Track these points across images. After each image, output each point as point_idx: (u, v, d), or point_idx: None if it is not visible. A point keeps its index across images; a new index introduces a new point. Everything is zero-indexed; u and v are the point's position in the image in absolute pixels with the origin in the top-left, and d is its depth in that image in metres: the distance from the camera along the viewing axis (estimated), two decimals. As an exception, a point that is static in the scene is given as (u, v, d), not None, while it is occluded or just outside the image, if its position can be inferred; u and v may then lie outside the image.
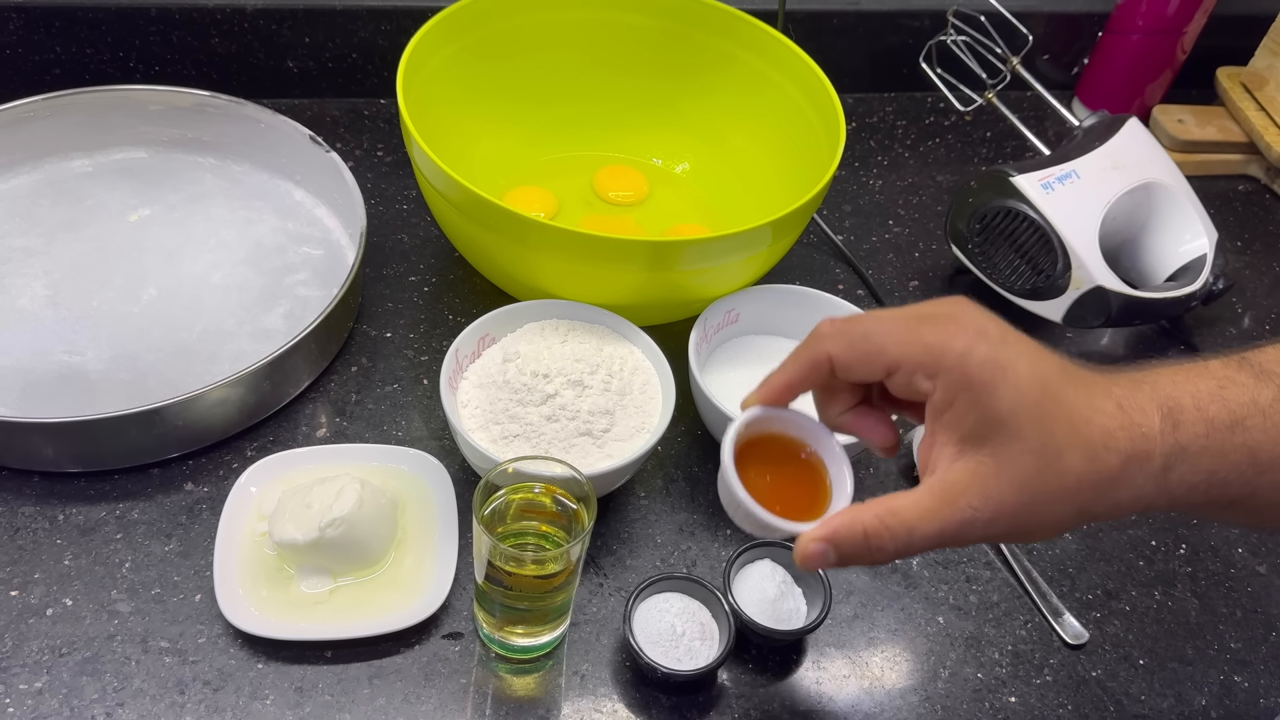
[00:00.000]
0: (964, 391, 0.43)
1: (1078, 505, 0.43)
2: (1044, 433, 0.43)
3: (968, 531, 0.44)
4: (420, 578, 0.62)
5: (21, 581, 0.61)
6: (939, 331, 0.44)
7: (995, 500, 0.43)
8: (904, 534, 0.44)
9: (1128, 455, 0.43)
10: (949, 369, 0.43)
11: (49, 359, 0.71)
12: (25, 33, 0.86)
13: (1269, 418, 0.44)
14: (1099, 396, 0.44)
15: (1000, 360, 0.43)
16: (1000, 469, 0.43)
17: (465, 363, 0.68)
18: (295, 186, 0.84)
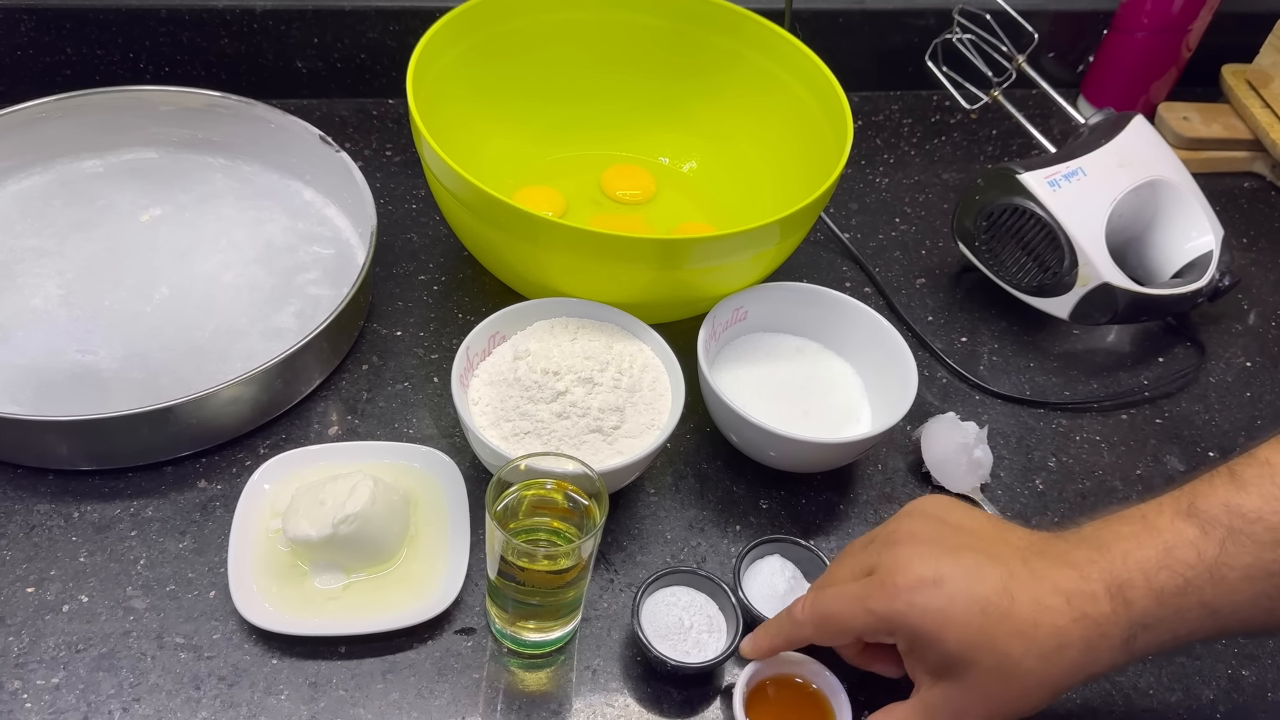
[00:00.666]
0: (916, 642, 0.51)
1: (1050, 690, 0.50)
2: (996, 653, 0.49)
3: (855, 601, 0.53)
4: (433, 574, 0.63)
5: (38, 578, 0.61)
6: (881, 598, 0.52)
7: (966, 714, 0.51)
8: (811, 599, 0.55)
9: (1085, 643, 0.49)
10: (898, 628, 0.51)
11: (62, 358, 0.71)
12: (36, 34, 0.87)
13: (1216, 574, 0.48)
14: (1047, 594, 0.50)
15: (939, 605, 0.50)
16: (966, 692, 0.51)
17: (476, 360, 0.68)
18: (305, 186, 0.84)
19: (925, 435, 0.73)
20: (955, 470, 0.71)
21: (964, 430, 0.72)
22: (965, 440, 0.71)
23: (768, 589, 0.63)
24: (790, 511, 0.70)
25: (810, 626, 0.55)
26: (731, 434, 0.71)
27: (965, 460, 0.71)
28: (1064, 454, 0.77)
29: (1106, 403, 0.81)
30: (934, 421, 0.73)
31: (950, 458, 0.71)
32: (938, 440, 0.72)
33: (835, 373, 0.75)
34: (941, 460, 0.72)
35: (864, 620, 0.52)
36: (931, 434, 0.73)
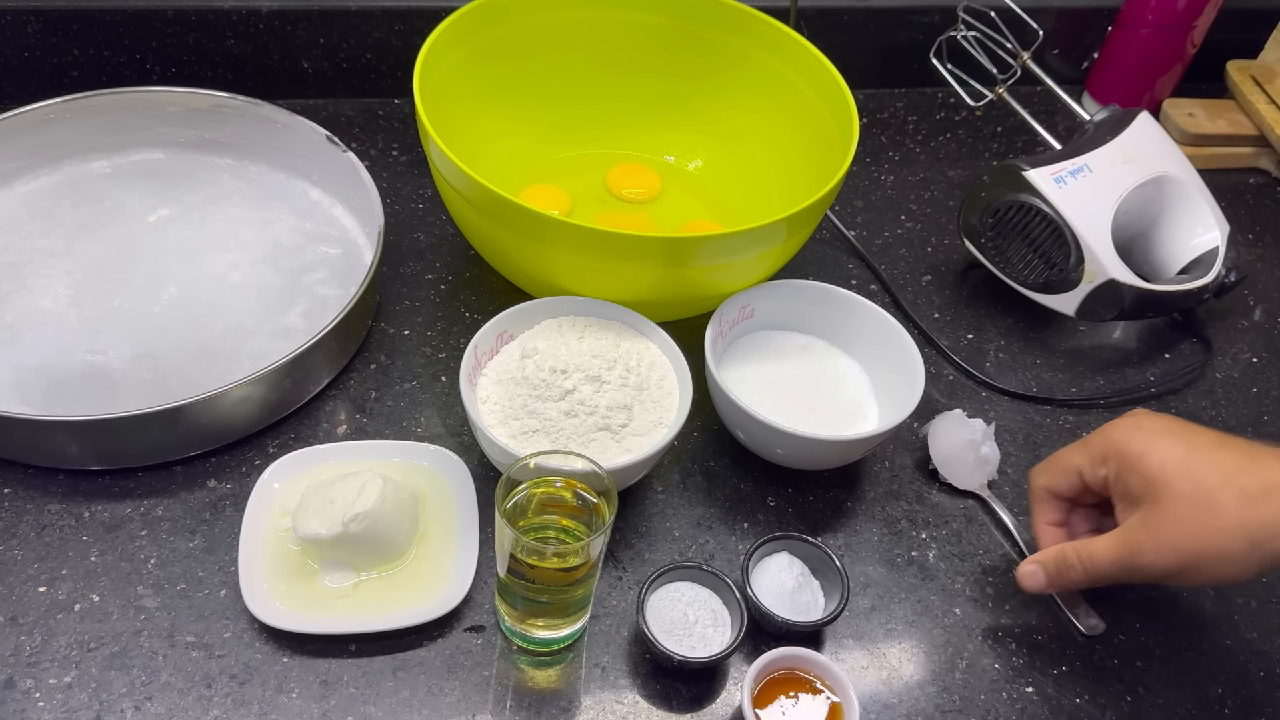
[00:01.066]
0: (1123, 464, 0.58)
1: (1246, 537, 0.53)
2: (1192, 481, 0.55)
3: (1139, 563, 0.57)
4: (442, 572, 0.63)
5: (49, 578, 0.62)
6: (1102, 432, 0.61)
7: (1158, 536, 0.56)
8: (1089, 562, 0.59)
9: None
10: (1111, 454, 0.59)
11: (72, 358, 0.72)
12: (44, 35, 0.87)
13: None
14: (1265, 457, 0.55)
15: (1149, 433, 0.58)
16: (1162, 513, 0.55)
17: (484, 359, 0.69)
18: (312, 186, 0.85)
19: (932, 432, 0.73)
20: (962, 467, 0.72)
21: (971, 427, 0.72)
22: (972, 437, 0.71)
23: (776, 585, 0.63)
24: (798, 509, 0.70)
25: (1045, 474, 0.64)
26: (739, 431, 0.71)
27: (972, 457, 0.71)
28: (1071, 450, 0.77)
29: (1113, 399, 0.81)
30: (941, 419, 0.73)
31: (957, 454, 0.72)
32: (945, 437, 0.72)
33: (842, 370, 0.75)
34: (949, 457, 0.72)
35: (1086, 451, 0.61)
36: (939, 431, 0.73)
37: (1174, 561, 0.55)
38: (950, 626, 0.66)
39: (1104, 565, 0.58)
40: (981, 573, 0.69)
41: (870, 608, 0.66)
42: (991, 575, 0.69)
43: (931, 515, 0.71)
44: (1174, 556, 0.55)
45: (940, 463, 0.72)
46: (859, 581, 0.67)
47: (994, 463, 0.72)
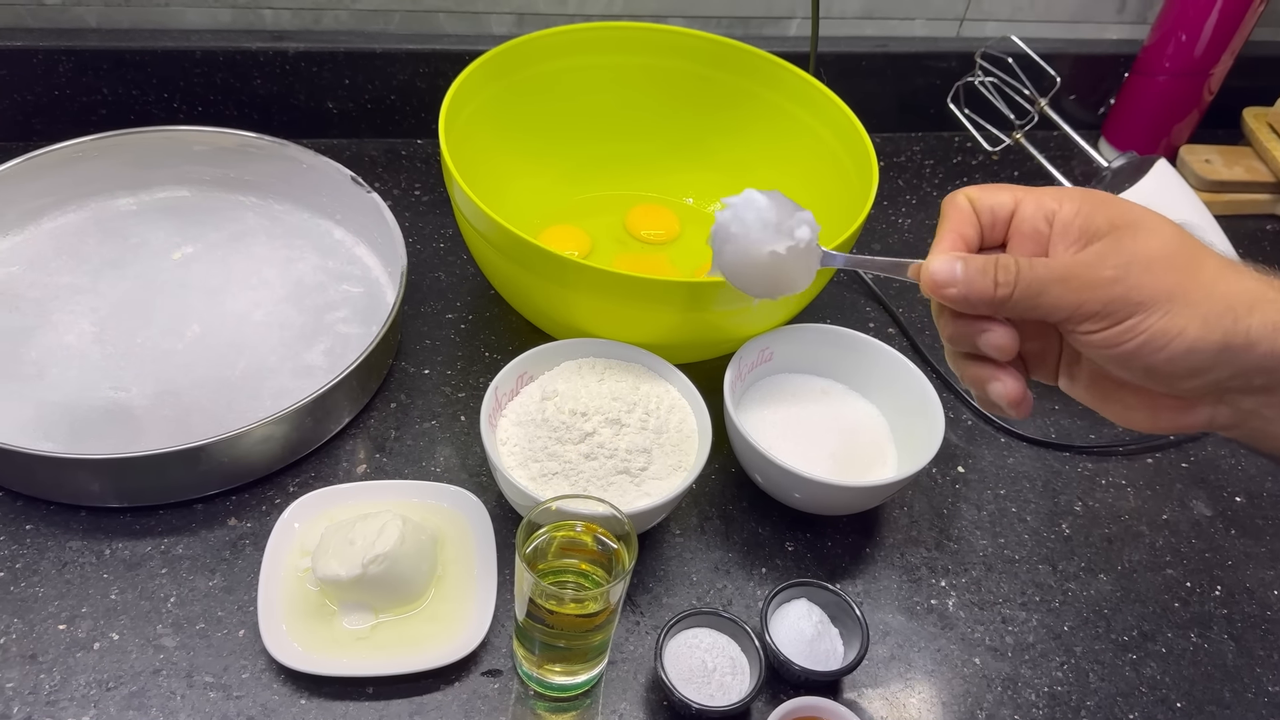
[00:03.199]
0: (1089, 199, 0.45)
1: (1224, 301, 0.43)
2: (1175, 229, 0.44)
3: (1090, 278, 0.43)
4: (460, 614, 0.63)
5: (69, 615, 0.62)
6: (1053, 190, 0.47)
7: (1123, 253, 0.44)
8: (1029, 268, 0.44)
9: (1267, 284, 0.44)
10: (1080, 195, 0.46)
11: (95, 395, 0.72)
12: (74, 74, 0.88)
13: None
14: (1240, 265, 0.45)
15: (1109, 197, 0.46)
16: (1135, 237, 0.44)
17: (504, 400, 0.69)
18: (335, 225, 0.86)
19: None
20: None
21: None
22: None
23: (795, 633, 0.63)
24: (816, 554, 0.70)
25: (973, 188, 0.48)
26: (757, 475, 0.71)
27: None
28: (1089, 498, 0.77)
29: (1132, 446, 0.81)
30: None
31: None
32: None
33: (861, 414, 0.75)
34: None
35: (1036, 200, 0.46)
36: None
37: (1131, 289, 0.43)
38: (969, 676, 0.65)
39: (1044, 275, 0.44)
40: (1001, 622, 0.68)
41: (889, 656, 0.66)
42: (1011, 625, 0.68)
43: (951, 563, 0.71)
44: (1135, 282, 0.43)
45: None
46: (878, 629, 0.67)
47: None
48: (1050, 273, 0.44)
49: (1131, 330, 0.43)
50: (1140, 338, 0.43)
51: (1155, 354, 0.43)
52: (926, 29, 1.05)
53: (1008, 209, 0.47)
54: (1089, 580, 0.72)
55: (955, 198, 0.48)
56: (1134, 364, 0.44)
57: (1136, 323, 0.43)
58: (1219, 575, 0.73)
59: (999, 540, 0.73)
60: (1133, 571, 0.73)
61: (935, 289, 0.46)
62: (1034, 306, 0.44)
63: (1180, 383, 0.44)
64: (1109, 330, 0.43)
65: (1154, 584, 0.72)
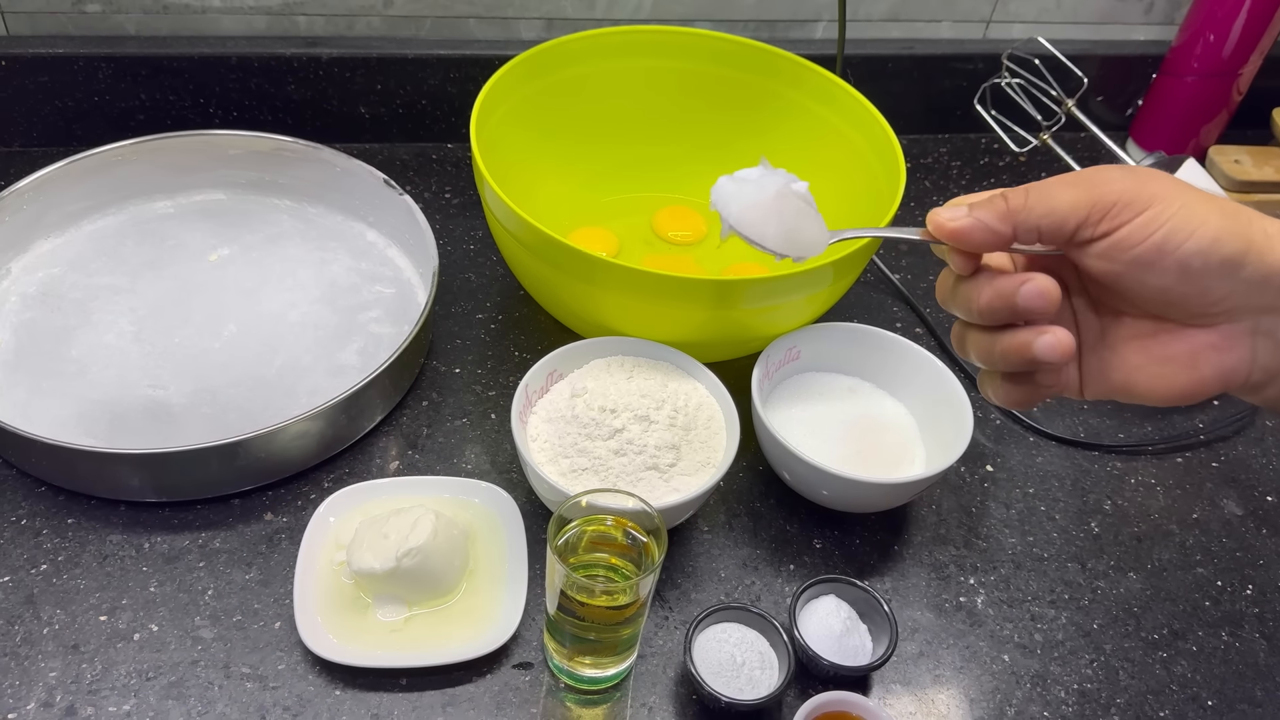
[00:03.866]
0: (1105, 172, 0.44)
1: (1246, 239, 0.42)
2: (1192, 188, 0.43)
3: (1101, 177, 0.43)
4: (491, 608, 0.64)
5: (110, 607, 0.63)
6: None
7: (1130, 169, 0.43)
8: (1039, 196, 0.43)
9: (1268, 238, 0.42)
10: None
11: (134, 392, 0.74)
12: (113, 81, 0.90)
13: None
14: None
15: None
16: (1157, 176, 0.43)
17: (534, 398, 0.70)
18: (368, 228, 0.87)
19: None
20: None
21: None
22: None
23: (824, 629, 0.63)
24: (844, 551, 0.71)
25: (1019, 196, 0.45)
26: (785, 472, 0.71)
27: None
28: (1119, 497, 0.77)
29: (1161, 445, 0.81)
30: None
31: None
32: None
33: (888, 413, 0.76)
34: None
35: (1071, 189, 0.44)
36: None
37: (1142, 184, 0.42)
38: (999, 674, 0.65)
39: (1051, 182, 0.43)
40: (1030, 619, 0.68)
41: (918, 653, 0.66)
42: (1040, 622, 0.68)
43: (980, 561, 0.71)
44: (1143, 180, 0.42)
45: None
46: (906, 626, 0.67)
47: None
48: (1057, 179, 0.43)
49: (1155, 220, 0.42)
50: (1166, 226, 0.41)
51: (1184, 242, 0.41)
52: (953, 30, 1.06)
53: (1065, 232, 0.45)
54: (1118, 578, 0.72)
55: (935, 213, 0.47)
56: (1165, 261, 0.42)
57: (1157, 213, 0.42)
58: (1250, 575, 0.73)
59: (1028, 538, 0.73)
60: (1163, 570, 0.73)
61: (944, 224, 0.45)
62: (1050, 210, 0.43)
63: (1214, 284, 0.42)
64: (1129, 225, 0.42)
65: (1184, 582, 0.72)
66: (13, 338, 0.76)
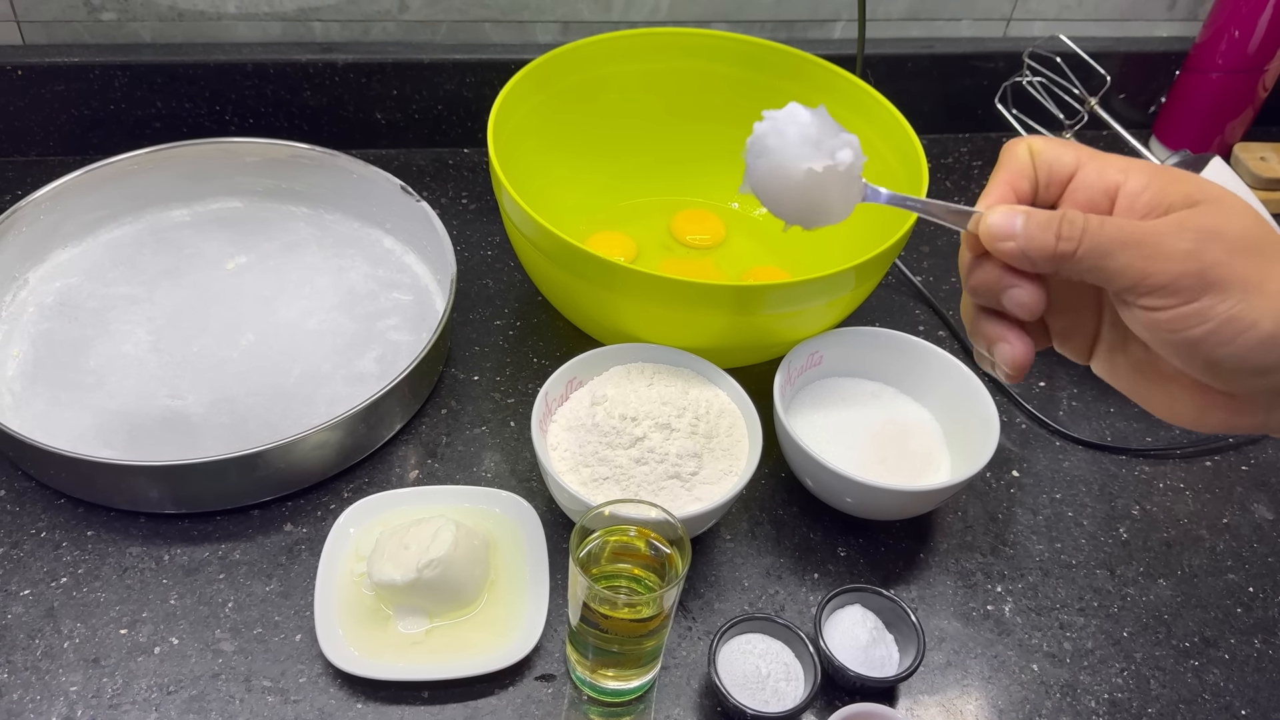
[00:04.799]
0: (1162, 173, 0.41)
1: (1276, 334, 0.39)
2: (1257, 214, 0.40)
3: (1169, 246, 0.39)
4: (513, 619, 0.63)
5: (130, 620, 0.63)
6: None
7: (1206, 229, 0.39)
8: (1098, 227, 0.40)
9: None
10: (1142, 164, 0.42)
11: (153, 403, 0.73)
12: (129, 89, 0.90)
13: None
14: None
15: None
16: (1216, 214, 0.40)
17: (554, 406, 0.69)
18: (385, 234, 0.86)
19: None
20: None
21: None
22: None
23: (849, 639, 0.62)
24: (869, 560, 0.70)
25: (1034, 140, 0.44)
26: (808, 479, 0.70)
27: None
28: (1147, 502, 0.76)
29: (1190, 449, 0.79)
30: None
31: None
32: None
33: (913, 418, 0.75)
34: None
35: (1100, 166, 0.42)
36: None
37: (1208, 267, 0.38)
38: (1027, 683, 0.64)
39: (1114, 235, 0.40)
40: (1059, 628, 0.67)
41: (945, 663, 0.65)
42: (1069, 630, 0.67)
43: (1007, 568, 0.70)
44: (1212, 260, 0.39)
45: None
46: (933, 636, 0.66)
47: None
48: (1121, 234, 0.40)
49: (1201, 314, 0.39)
50: (1209, 324, 0.39)
51: (1222, 346, 0.39)
52: (973, 29, 1.04)
53: (1068, 170, 0.43)
54: (1148, 585, 0.70)
55: (1015, 146, 0.44)
56: (1196, 354, 0.40)
57: (1207, 306, 0.39)
58: (1283, 580, 0.72)
59: (1055, 545, 0.72)
60: (1193, 576, 0.71)
61: (992, 239, 0.42)
62: (1097, 269, 0.40)
63: (1242, 381, 0.41)
64: (1176, 310, 0.39)
65: (1215, 589, 0.71)
66: (31, 349, 0.76)
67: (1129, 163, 0.42)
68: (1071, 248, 0.40)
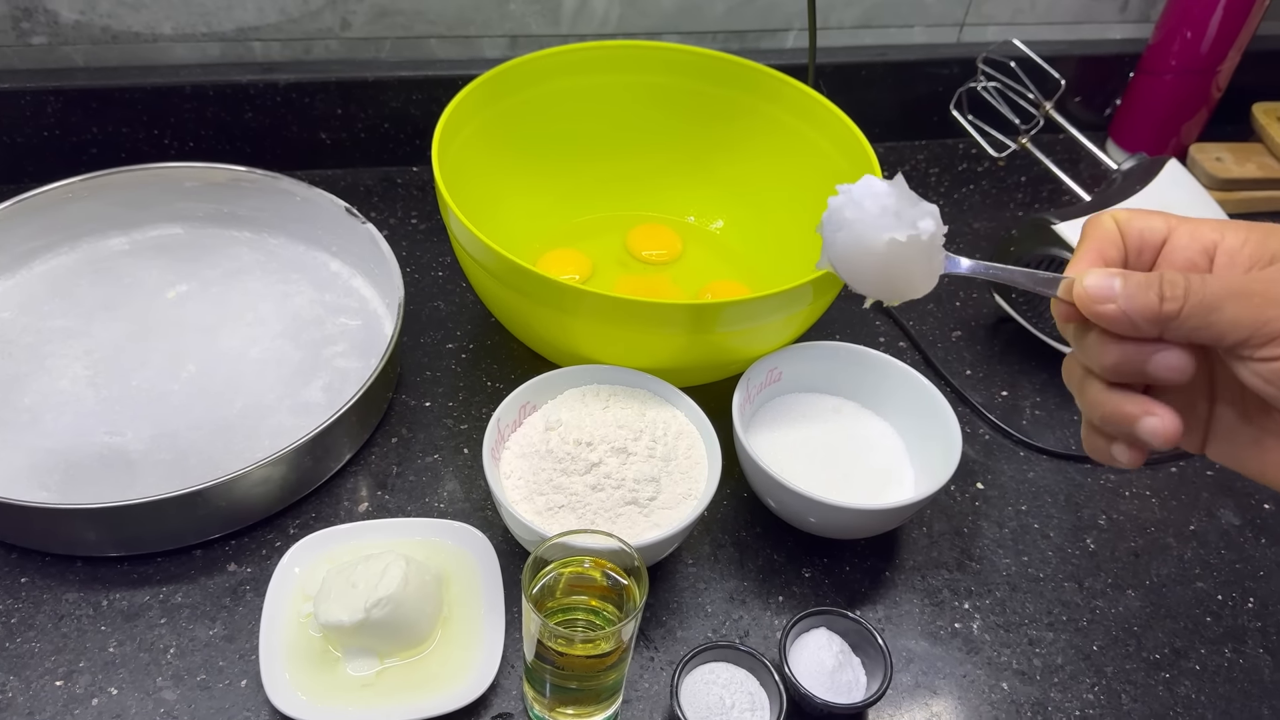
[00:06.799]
0: (1257, 229, 0.40)
1: None
2: None
3: (1275, 323, 0.37)
4: (468, 656, 0.61)
5: (67, 671, 0.60)
6: None
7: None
8: (1200, 283, 0.38)
9: None
10: (1236, 224, 0.41)
11: (90, 440, 0.71)
12: (63, 114, 0.87)
13: None
14: None
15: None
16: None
17: (507, 432, 0.67)
18: (332, 258, 0.84)
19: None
20: None
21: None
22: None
23: (815, 664, 0.61)
24: (834, 580, 0.68)
25: (1118, 212, 0.43)
26: (770, 500, 0.69)
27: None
28: (1114, 511, 0.75)
29: (1155, 455, 0.79)
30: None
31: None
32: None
33: (875, 433, 0.73)
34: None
35: (1193, 229, 0.42)
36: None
37: None
38: (997, 703, 0.63)
39: (1218, 290, 0.38)
40: (1028, 644, 0.66)
41: (914, 684, 0.63)
42: (1038, 646, 0.66)
43: (974, 584, 0.69)
44: None
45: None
46: (901, 656, 0.64)
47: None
48: (1226, 288, 0.38)
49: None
50: None
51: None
52: (926, 35, 1.04)
53: (1159, 235, 0.42)
54: (1117, 597, 0.69)
55: (1100, 218, 0.43)
56: None
57: None
58: (1251, 587, 0.71)
59: (1022, 558, 0.71)
60: (1162, 586, 0.70)
61: (1090, 303, 0.40)
62: (1206, 324, 0.38)
63: None
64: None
65: (1184, 598, 0.70)
66: (-39, 387, 0.73)
67: (1222, 223, 0.41)
68: (1176, 307, 0.39)
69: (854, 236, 0.48)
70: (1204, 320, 0.38)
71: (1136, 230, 0.42)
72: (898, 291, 0.49)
